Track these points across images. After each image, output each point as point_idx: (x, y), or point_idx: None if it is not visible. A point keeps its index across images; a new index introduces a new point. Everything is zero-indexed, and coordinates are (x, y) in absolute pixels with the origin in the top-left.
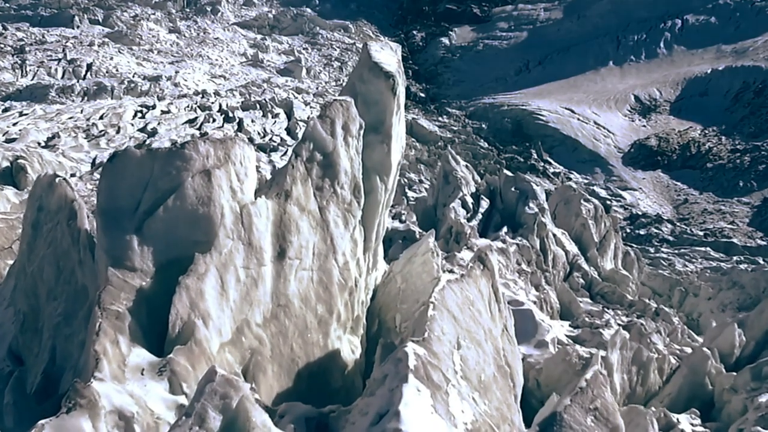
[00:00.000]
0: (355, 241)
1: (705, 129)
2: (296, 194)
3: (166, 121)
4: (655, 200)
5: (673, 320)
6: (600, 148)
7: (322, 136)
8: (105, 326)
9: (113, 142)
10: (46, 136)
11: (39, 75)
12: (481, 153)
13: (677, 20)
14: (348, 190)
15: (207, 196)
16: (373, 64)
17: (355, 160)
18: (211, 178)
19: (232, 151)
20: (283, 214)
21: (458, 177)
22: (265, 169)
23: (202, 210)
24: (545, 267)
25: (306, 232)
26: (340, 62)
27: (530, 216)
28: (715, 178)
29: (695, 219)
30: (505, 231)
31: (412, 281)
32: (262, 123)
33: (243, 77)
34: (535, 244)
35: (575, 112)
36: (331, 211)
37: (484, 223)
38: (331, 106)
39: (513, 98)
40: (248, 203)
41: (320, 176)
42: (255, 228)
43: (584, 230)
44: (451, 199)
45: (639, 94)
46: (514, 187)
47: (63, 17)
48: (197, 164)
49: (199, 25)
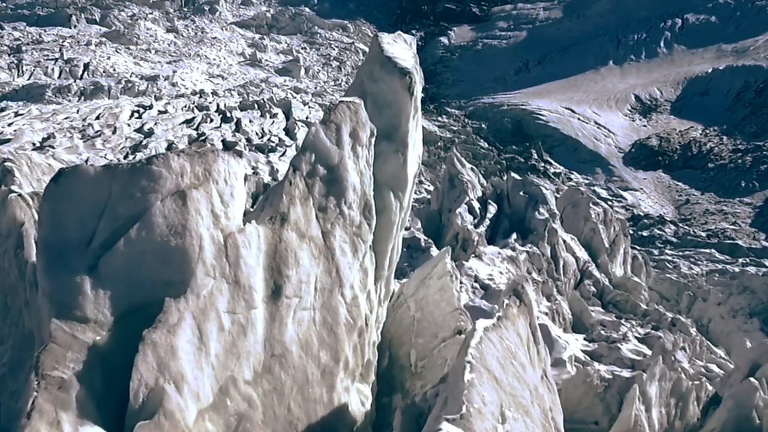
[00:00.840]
0: (366, 270)
1: (706, 129)
2: (294, 217)
3: (163, 122)
4: (657, 200)
5: (690, 331)
6: (601, 148)
7: (326, 146)
8: (41, 403)
9: (109, 142)
10: (41, 137)
11: (36, 75)
12: (481, 153)
13: (677, 19)
14: (357, 210)
15: (181, 223)
16: (386, 59)
17: (366, 173)
18: (187, 201)
19: (214, 166)
20: (279, 243)
21: (464, 180)
22: (263, 170)
23: (175, 242)
24: (556, 275)
25: (307, 263)
26: (339, 62)
27: (540, 222)
28: (717, 178)
29: (697, 219)
30: (514, 238)
31: (429, 310)
32: (260, 123)
33: (241, 77)
34: (546, 252)
35: (575, 111)
36: (337, 236)
37: (492, 229)
38: (336, 110)
39: (513, 98)
40: (234, 231)
41: (324, 194)
42: (243, 262)
43: (594, 235)
44: (457, 204)
45: (639, 94)
46: (523, 191)
47: (60, 17)
48: (169, 184)
49: (196, 25)
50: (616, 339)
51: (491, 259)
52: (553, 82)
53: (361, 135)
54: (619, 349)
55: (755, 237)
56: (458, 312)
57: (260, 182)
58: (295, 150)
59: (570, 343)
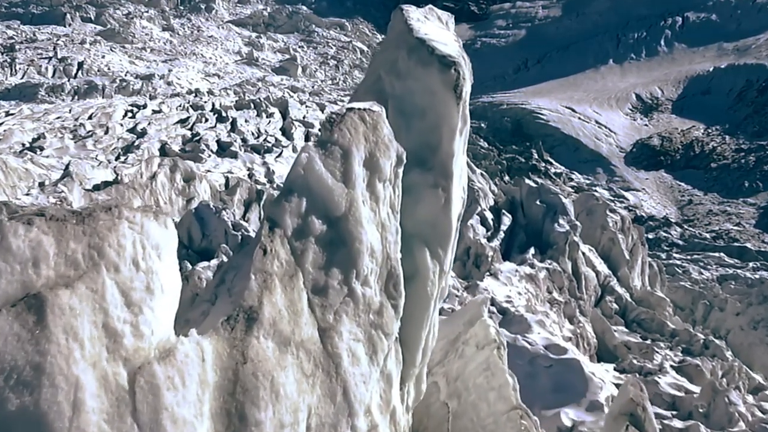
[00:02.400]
0: (389, 377)
1: (708, 128)
2: (271, 314)
3: (157, 121)
4: (659, 201)
5: (725, 354)
6: (602, 147)
7: (326, 185)
8: None
9: (100, 143)
10: (32, 137)
11: (29, 74)
12: (481, 153)
13: (678, 18)
14: (376, 287)
15: (34, 364)
16: (417, 42)
17: (390, 224)
18: (46, 317)
19: (110, 237)
20: (242, 366)
21: (475, 188)
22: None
23: (22, 401)
24: (578, 294)
25: (293, 391)
26: (337, 60)
27: (561, 235)
28: (720, 178)
29: (700, 221)
30: (532, 253)
31: (470, 401)
32: (256, 123)
33: (237, 76)
34: (567, 268)
35: (576, 111)
36: (344, 333)
37: (507, 242)
38: (342, 123)
39: (512, 97)
40: (153, 359)
41: (321, 266)
42: (168, 416)
43: (613, 246)
44: (468, 215)
45: (640, 93)
46: (539, 200)
47: (54, 15)
48: (6, 284)
49: (193, 23)
50: (651, 370)
51: (508, 278)
52: (552, 81)
53: (384, 164)
54: (656, 383)
55: (761, 239)
56: (518, 412)
57: (253, 188)
58: (292, 151)
59: (605, 380)
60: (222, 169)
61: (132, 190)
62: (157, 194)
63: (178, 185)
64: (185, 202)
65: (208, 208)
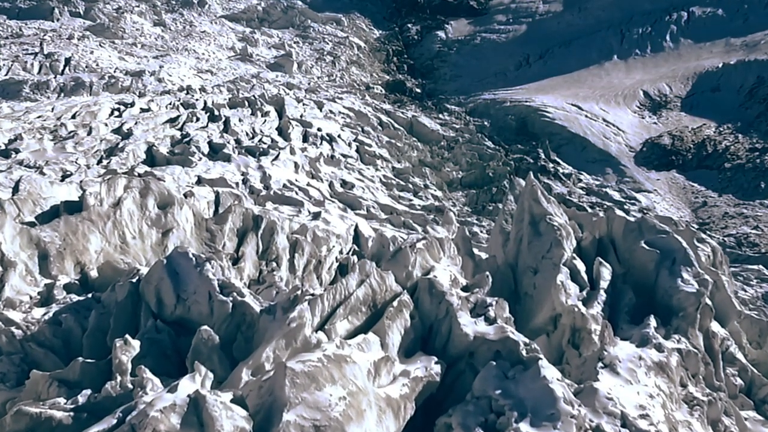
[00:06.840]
0: None
1: (719, 126)
2: None
3: (144, 121)
4: (672, 203)
5: None
6: (611, 146)
7: None
8: None
9: (81, 145)
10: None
11: (13, 70)
12: (488, 154)
13: (683, 12)
14: None
15: None
16: None
17: None
18: None
19: None
20: None
21: (555, 225)
22: (254, 176)
23: None
24: (717, 382)
25: None
26: (333, 56)
27: (689, 297)
28: (734, 179)
29: (716, 224)
30: (654, 326)
31: None
32: (250, 122)
33: (231, 72)
34: (699, 344)
35: (582, 108)
36: None
37: (611, 305)
38: None
39: (515, 94)
40: None
41: None
42: None
43: (717, 291)
44: (550, 265)
45: (648, 90)
46: (644, 242)
47: (42, 9)
48: None
49: (185, 18)
50: None
51: (631, 371)
52: (555, 78)
53: None
54: None
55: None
56: None
57: (249, 214)
58: (289, 153)
59: None
60: (213, 174)
61: (88, 223)
62: (122, 226)
63: (150, 213)
64: (160, 236)
65: (185, 257)
